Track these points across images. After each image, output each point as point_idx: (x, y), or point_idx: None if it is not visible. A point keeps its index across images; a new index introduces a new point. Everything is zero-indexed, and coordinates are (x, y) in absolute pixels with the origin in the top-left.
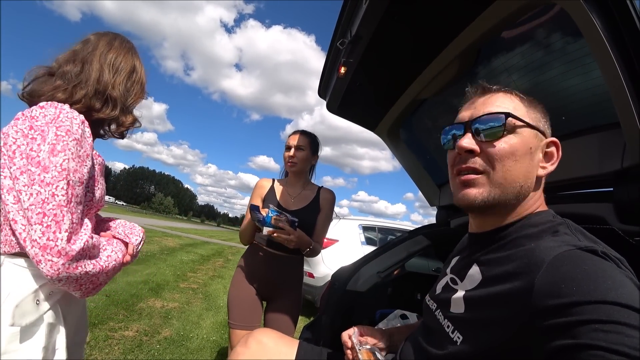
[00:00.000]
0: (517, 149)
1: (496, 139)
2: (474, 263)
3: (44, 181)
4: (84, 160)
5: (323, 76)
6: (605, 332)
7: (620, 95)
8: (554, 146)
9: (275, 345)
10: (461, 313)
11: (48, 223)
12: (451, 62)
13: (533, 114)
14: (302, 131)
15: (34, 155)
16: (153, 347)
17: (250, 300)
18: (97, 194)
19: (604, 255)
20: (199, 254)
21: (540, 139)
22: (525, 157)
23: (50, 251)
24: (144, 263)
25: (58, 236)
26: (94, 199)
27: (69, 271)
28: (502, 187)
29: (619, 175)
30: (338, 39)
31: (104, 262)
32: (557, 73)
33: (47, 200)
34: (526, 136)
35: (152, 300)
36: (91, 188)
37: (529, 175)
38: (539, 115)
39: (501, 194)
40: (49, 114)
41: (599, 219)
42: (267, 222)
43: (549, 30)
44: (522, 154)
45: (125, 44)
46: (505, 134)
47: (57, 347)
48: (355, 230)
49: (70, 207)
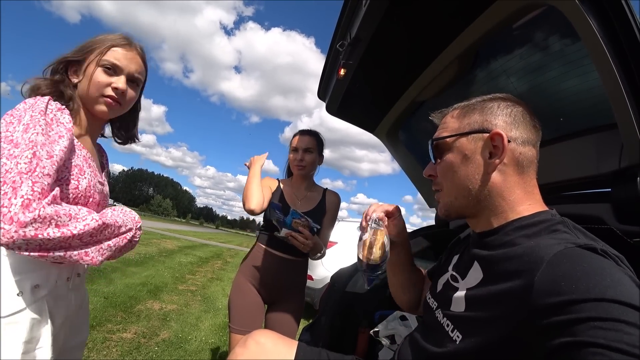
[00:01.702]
0: (452, 161)
1: (438, 162)
2: (475, 261)
3: (12, 154)
4: (56, 140)
5: (323, 78)
6: (605, 330)
7: (617, 96)
8: (498, 137)
9: (274, 346)
10: (461, 312)
11: (5, 190)
12: (450, 64)
13: (468, 120)
14: (308, 131)
15: (9, 136)
16: (151, 349)
17: (253, 305)
18: (82, 182)
19: (604, 253)
20: (198, 256)
21: (477, 140)
22: (463, 164)
23: (2, 217)
24: (142, 265)
25: (12, 202)
26: (79, 187)
27: (25, 238)
28: (454, 196)
29: (616, 176)
30: (338, 41)
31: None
32: (555, 75)
33: (10, 170)
34: (459, 146)
35: (151, 302)
36: (75, 176)
37: (475, 177)
38: (478, 117)
39: (455, 201)
40: (28, 102)
41: (597, 219)
42: (288, 224)
43: (547, 33)
44: (459, 163)
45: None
46: (442, 154)
47: (41, 345)
48: (354, 233)
49: (33, 176)
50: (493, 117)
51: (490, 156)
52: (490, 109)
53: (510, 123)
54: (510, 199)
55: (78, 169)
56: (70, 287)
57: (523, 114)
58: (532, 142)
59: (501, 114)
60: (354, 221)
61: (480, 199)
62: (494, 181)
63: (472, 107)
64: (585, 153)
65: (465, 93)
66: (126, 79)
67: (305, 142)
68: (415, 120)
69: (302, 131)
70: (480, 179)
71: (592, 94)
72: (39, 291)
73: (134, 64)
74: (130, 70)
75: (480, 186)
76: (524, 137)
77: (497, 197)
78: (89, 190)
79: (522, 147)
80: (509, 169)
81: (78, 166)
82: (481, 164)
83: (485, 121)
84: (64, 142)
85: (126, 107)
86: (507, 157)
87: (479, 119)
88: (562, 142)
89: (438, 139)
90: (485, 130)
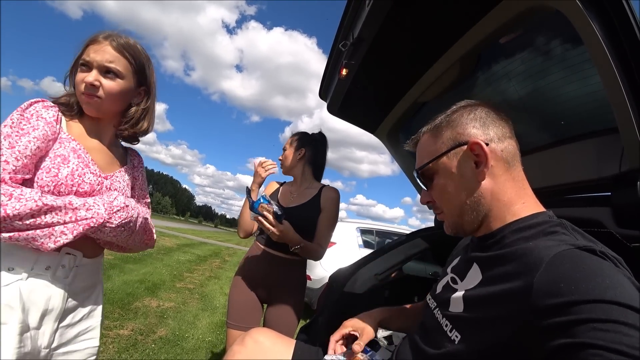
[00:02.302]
0: (443, 183)
1: (430, 189)
2: (474, 262)
3: None
4: (28, 132)
5: (324, 78)
6: (604, 331)
7: (618, 100)
8: (477, 146)
9: (272, 344)
10: (460, 312)
11: None
12: (452, 66)
13: (441, 139)
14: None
15: None
16: (148, 346)
17: (249, 301)
18: (62, 171)
19: (602, 254)
20: (196, 255)
21: (457, 155)
22: (453, 182)
23: None
24: (140, 262)
25: None
26: (58, 175)
27: None
28: (457, 215)
29: (616, 180)
30: (340, 41)
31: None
32: (556, 78)
33: None
34: (443, 167)
35: (148, 299)
36: (56, 164)
37: (469, 191)
38: (449, 133)
39: (457, 220)
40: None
41: (597, 223)
42: (255, 208)
43: (549, 36)
44: (450, 183)
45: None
46: (430, 180)
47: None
48: (353, 233)
49: None
50: (462, 128)
51: (476, 166)
52: (456, 122)
53: (480, 127)
54: (505, 200)
55: (61, 159)
56: (51, 278)
57: (487, 112)
58: (508, 135)
59: (468, 122)
60: (353, 222)
61: (479, 209)
62: (486, 187)
63: (439, 126)
64: (586, 157)
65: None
66: (97, 71)
67: (286, 143)
68: (417, 122)
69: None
70: (474, 190)
71: (593, 98)
72: (13, 275)
73: (102, 54)
74: (99, 61)
75: (476, 197)
76: (499, 133)
77: (493, 200)
78: (71, 179)
79: (502, 143)
80: (497, 169)
81: (62, 156)
82: (470, 176)
83: (458, 134)
84: (37, 133)
85: (110, 100)
86: (492, 160)
87: (450, 134)
88: (563, 146)
89: (421, 167)
90: (461, 144)
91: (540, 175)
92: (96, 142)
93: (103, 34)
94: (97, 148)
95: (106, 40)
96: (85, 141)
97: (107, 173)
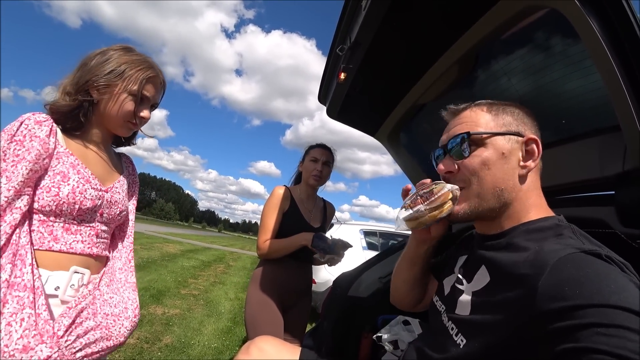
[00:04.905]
0: (488, 158)
1: (468, 156)
2: (483, 264)
3: None
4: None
5: (323, 82)
6: (608, 336)
7: (619, 98)
8: (534, 143)
9: (277, 352)
10: (466, 315)
11: None
12: (450, 66)
13: (502, 120)
14: (328, 147)
15: None
16: (154, 354)
17: (276, 318)
18: (63, 189)
19: (608, 259)
20: (200, 260)
21: (514, 141)
22: (499, 162)
23: None
24: (144, 269)
25: None
26: (59, 194)
27: None
28: (481, 196)
29: (620, 178)
30: (337, 45)
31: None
32: (557, 76)
33: None
34: (496, 144)
35: (153, 307)
36: (56, 183)
37: (508, 177)
38: (510, 119)
39: (481, 202)
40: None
41: (601, 222)
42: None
43: (548, 34)
44: (495, 161)
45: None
46: (474, 148)
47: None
48: (356, 236)
49: None
50: (522, 121)
51: (523, 159)
52: (516, 114)
53: (536, 128)
54: (528, 203)
55: (61, 176)
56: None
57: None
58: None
59: (526, 117)
60: (357, 224)
61: (506, 201)
62: (521, 184)
63: (501, 108)
64: (588, 155)
65: (466, 96)
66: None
67: (326, 156)
68: (416, 123)
69: (324, 145)
70: (510, 179)
71: (594, 96)
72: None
73: (159, 94)
74: (157, 101)
75: (510, 187)
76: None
77: (518, 200)
78: (73, 197)
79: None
80: (534, 173)
81: (61, 173)
82: (515, 165)
83: (520, 124)
84: (31, 157)
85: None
86: (538, 160)
87: (513, 121)
88: (565, 145)
89: (477, 133)
90: (520, 134)
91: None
92: (95, 152)
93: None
94: (96, 159)
95: (160, 76)
96: (84, 153)
97: (107, 185)
